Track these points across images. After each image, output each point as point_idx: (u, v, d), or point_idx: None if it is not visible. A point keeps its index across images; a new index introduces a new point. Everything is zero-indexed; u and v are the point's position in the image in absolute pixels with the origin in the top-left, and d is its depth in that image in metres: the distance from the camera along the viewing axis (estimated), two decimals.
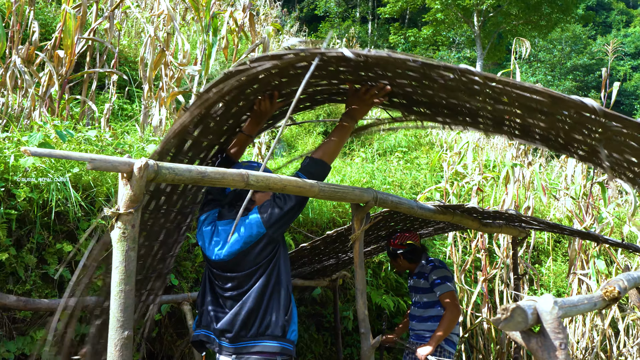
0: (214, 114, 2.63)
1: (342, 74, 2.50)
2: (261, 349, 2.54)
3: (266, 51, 5.60)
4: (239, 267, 2.60)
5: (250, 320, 2.56)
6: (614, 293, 1.62)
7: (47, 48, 4.91)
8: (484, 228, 3.95)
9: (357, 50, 2.01)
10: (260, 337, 2.56)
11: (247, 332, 2.56)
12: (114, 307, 1.76)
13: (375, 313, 5.37)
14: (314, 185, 2.42)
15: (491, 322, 1.23)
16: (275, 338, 2.56)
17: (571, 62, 34.43)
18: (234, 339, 2.57)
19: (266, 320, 2.56)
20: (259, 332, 2.55)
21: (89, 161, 1.66)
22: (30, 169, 3.32)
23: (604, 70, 6.47)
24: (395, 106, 2.81)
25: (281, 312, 2.59)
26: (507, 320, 1.17)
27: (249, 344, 2.55)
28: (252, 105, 2.81)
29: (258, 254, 2.59)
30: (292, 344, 2.63)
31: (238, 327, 2.56)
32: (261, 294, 2.57)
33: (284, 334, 2.58)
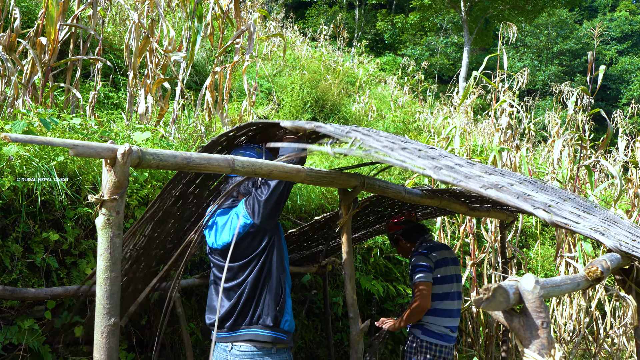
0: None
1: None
2: (253, 337, 2.62)
3: (251, 38, 5.56)
4: (233, 258, 2.66)
5: (245, 309, 2.65)
6: (597, 273, 1.63)
7: (30, 35, 4.84)
8: (472, 212, 3.97)
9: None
10: (253, 326, 2.64)
11: (242, 321, 2.65)
12: (100, 294, 1.75)
13: (364, 298, 5.39)
14: (301, 171, 2.42)
15: (473, 302, 1.24)
16: (267, 327, 2.63)
17: (558, 47, 34.53)
18: (232, 327, 2.67)
19: (258, 310, 2.64)
20: (252, 321, 2.64)
21: (71, 147, 1.64)
22: (15, 157, 3.28)
23: (590, 54, 6.49)
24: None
25: (272, 302, 2.65)
26: (489, 300, 1.18)
27: (242, 331, 2.64)
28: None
29: (249, 244, 2.66)
30: (286, 334, 2.69)
31: (236, 315, 2.65)
32: (255, 284, 2.65)
33: (276, 324, 2.64)
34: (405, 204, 4.08)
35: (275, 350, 2.63)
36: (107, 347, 1.74)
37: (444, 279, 3.91)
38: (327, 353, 4.95)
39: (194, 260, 4.20)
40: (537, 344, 1.20)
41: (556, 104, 12.03)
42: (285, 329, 2.68)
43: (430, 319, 3.87)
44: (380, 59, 24.67)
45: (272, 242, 2.70)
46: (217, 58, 5.64)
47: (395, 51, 31.03)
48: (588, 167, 6.26)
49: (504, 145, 6.80)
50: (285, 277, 2.75)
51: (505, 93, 7.74)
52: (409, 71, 18.37)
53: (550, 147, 9.61)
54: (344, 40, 20.81)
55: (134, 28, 5.29)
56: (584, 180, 7.17)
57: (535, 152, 12.35)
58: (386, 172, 7.70)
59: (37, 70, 4.66)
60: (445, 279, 3.91)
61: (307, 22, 28.83)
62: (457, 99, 14.01)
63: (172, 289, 3.16)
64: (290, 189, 2.71)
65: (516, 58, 33.23)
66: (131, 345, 3.71)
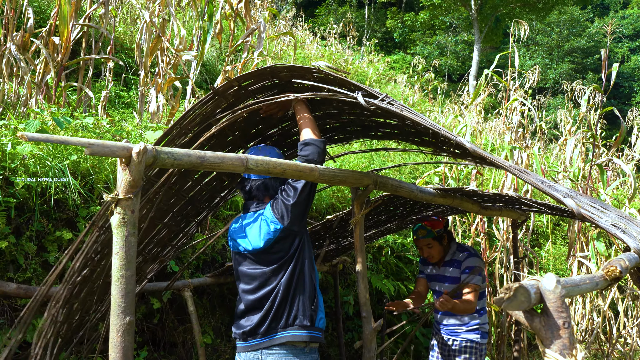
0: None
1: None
2: (291, 338, 2.59)
3: (261, 36, 5.56)
4: (266, 262, 2.65)
5: (280, 312, 2.61)
6: (616, 273, 1.61)
7: (43, 35, 4.86)
8: (484, 211, 3.94)
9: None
10: (290, 328, 2.60)
11: (277, 324, 2.61)
12: (115, 293, 1.76)
13: (375, 298, 5.38)
14: (314, 170, 2.41)
15: (493, 302, 1.22)
16: (304, 327, 2.61)
17: (569, 45, 34.27)
18: (266, 332, 2.61)
19: (294, 311, 2.61)
20: (288, 323, 2.60)
21: (87, 146, 1.64)
22: (28, 156, 3.30)
23: (603, 51, 6.43)
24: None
25: (307, 302, 2.63)
26: (510, 299, 1.16)
27: (279, 335, 2.60)
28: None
29: (281, 248, 2.63)
30: (320, 332, 2.68)
31: (270, 319, 2.61)
32: (288, 286, 2.61)
33: (312, 323, 2.63)
34: (417, 203, 4.07)
35: (308, 349, 2.61)
36: (122, 345, 1.75)
37: (484, 280, 4.07)
38: (338, 352, 4.94)
39: (205, 259, 4.21)
40: (558, 344, 1.18)
41: (568, 102, 11.94)
42: (320, 327, 2.67)
43: (484, 318, 3.99)
44: (390, 58, 24.59)
45: (302, 242, 2.67)
46: (228, 57, 5.64)
47: (405, 50, 30.95)
48: (600, 166, 6.21)
49: (515, 143, 6.76)
50: (315, 275, 2.73)
51: (516, 91, 7.70)
52: (419, 70, 18.32)
53: (561, 145, 9.54)
54: (353, 38, 20.78)
55: (145, 27, 5.31)
56: (597, 178, 7.12)
57: (547, 150, 12.28)
58: (396, 171, 7.68)
59: (50, 69, 4.69)
60: (484, 280, 4.08)
61: (316, 20, 28.81)
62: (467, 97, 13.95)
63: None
64: (315, 189, 2.67)
65: (527, 56, 33.02)
66: (144, 342, 3.72)
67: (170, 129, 2.68)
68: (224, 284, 4.25)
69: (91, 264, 2.75)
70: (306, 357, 2.60)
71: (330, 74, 2.42)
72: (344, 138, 3.45)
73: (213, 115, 2.79)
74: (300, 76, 2.62)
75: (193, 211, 3.29)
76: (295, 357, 2.58)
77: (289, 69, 2.56)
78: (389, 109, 2.15)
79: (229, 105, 2.80)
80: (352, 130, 3.33)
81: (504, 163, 1.80)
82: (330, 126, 3.26)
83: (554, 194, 1.62)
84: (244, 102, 2.85)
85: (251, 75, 2.64)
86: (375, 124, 3.10)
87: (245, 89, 2.74)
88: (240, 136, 3.01)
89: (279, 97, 2.70)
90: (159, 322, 3.89)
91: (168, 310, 3.96)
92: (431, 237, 3.95)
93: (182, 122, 2.69)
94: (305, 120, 2.70)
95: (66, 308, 2.87)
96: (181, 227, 3.32)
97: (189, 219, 3.32)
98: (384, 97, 2.23)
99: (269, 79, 2.72)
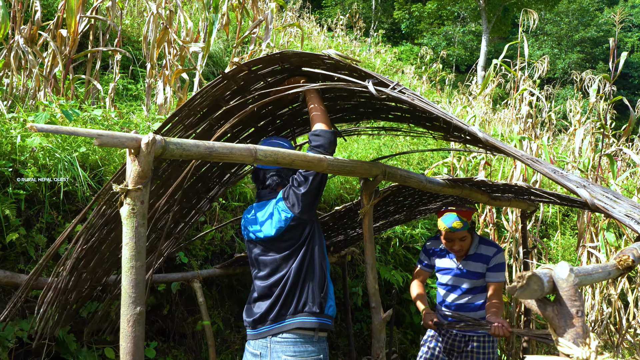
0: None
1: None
2: (299, 325, 2.61)
3: (268, 28, 5.54)
4: (277, 250, 2.69)
5: (289, 299, 2.64)
6: (628, 262, 1.60)
7: (50, 28, 4.87)
8: (493, 202, 3.92)
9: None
10: (299, 314, 2.63)
11: (287, 310, 2.64)
12: (126, 283, 1.76)
13: (384, 289, 5.38)
14: (323, 160, 2.41)
15: (507, 291, 1.21)
16: (312, 314, 2.63)
17: (578, 35, 33.97)
18: (275, 319, 2.65)
19: (303, 297, 2.63)
20: (297, 310, 2.63)
21: (96, 137, 1.64)
22: (38, 148, 3.31)
23: (612, 40, 6.37)
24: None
25: (317, 289, 2.65)
26: (522, 288, 1.16)
27: (288, 321, 2.63)
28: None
29: (292, 236, 2.67)
30: (330, 319, 2.71)
31: (279, 306, 2.64)
32: (297, 273, 2.64)
33: (321, 310, 2.65)
34: (425, 194, 4.05)
35: (316, 337, 2.62)
36: (133, 335, 1.75)
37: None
38: (346, 343, 4.95)
39: (214, 250, 4.22)
40: (571, 333, 1.18)
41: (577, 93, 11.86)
42: (329, 314, 2.70)
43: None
44: (397, 49, 24.47)
45: (312, 230, 2.70)
46: (235, 49, 5.63)
47: (412, 41, 30.79)
48: (610, 156, 6.16)
49: (524, 134, 6.71)
50: (326, 263, 2.76)
51: (525, 81, 7.64)
52: (426, 60, 18.24)
53: (571, 136, 9.48)
54: (360, 30, 20.70)
55: (152, 19, 5.30)
56: (606, 168, 7.06)
57: (556, 141, 12.20)
58: (405, 162, 7.66)
59: (57, 62, 4.70)
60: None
61: (323, 12, 28.69)
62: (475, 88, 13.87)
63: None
64: (326, 178, 2.70)
65: (535, 46, 32.76)
66: (154, 333, 3.74)
67: (179, 110, 2.69)
68: (232, 275, 4.26)
69: (99, 234, 2.75)
70: (314, 345, 2.62)
71: (340, 61, 2.41)
72: (354, 118, 3.42)
73: (222, 98, 2.79)
74: (310, 62, 2.61)
75: (204, 187, 3.31)
76: (303, 346, 2.60)
77: (299, 55, 2.56)
78: (400, 97, 2.14)
79: (239, 89, 2.80)
80: (362, 112, 3.32)
81: (516, 152, 1.78)
82: (341, 107, 3.24)
83: (566, 184, 1.60)
84: (254, 85, 2.85)
85: (261, 61, 2.64)
86: (387, 107, 3.09)
87: (255, 72, 2.73)
88: (250, 116, 3.00)
89: (289, 87, 2.71)
90: (168, 313, 3.90)
91: (178, 302, 3.98)
92: (466, 229, 3.64)
93: (190, 103, 2.69)
94: (316, 109, 2.71)
95: (74, 276, 2.88)
96: (193, 203, 3.34)
97: (201, 195, 3.34)
98: (394, 86, 2.22)
99: (278, 64, 2.71)
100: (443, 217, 3.71)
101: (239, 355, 4.20)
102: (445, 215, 3.70)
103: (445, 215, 3.70)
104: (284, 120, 3.29)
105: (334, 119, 3.40)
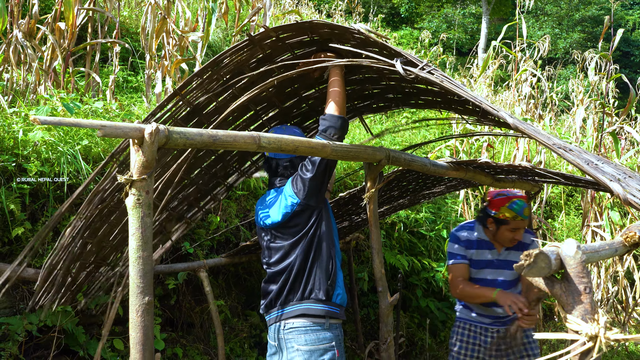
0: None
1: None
2: (305, 311, 2.62)
3: (267, 15, 5.51)
4: (284, 236, 2.70)
5: (296, 285, 2.66)
6: (635, 238, 1.60)
7: (48, 21, 4.86)
8: (497, 183, 3.92)
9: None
10: (305, 301, 2.64)
11: (294, 296, 2.65)
12: (133, 273, 1.77)
13: (390, 273, 5.39)
14: (327, 146, 2.40)
15: (514, 268, 1.20)
16: (319, 301, 2.63)
17: (579, 14, 33.71)
18: (283, 304, 2.67)
19: (309, 284, 2.65)
20: (304, 296, 2.64)
21: (99, 128, 1.64)
22: (40, 142, 3.32)
23: (607, 18, 6.34)
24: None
25: (323, 276, 2.66)
26: (530, 266, 1.16)
27: (294, 307, 2.64)
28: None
29: (298, 223, 2.68)
30: (339, 308, 2.70)
31: (287, 291, 2.66)
32: (304, 260, 2.65)
33: (328, 297, 2.65)
34: (429, 178, 4.05)
35: (328, 325, 2.61)
36: (142, 325, 1.76)
37: None
38: (354, 328, 4.98)
39: (219, 239, 4.23)
40: (580, 310, 1.18)
41: (579, 72, 11.79)
42: (337, 303, 2.69)
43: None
44: (397, 33, 24.34)
45: (320, 216, 2.70)
46: (234, 37, 5.61)
47: (412, 25, 30.59)
48: (613, 135, 6.14)
49: (526, 115, 6.70)
50: (335, 251, 2.75)
51: (526, 62, 7.61)
52: (426, 43, 18.13)
53: (573, 115, 9.44)
54: (359, 15, 20.56)
55: (150, 9, 5.27)
56: (610, 147, 7.05)
57: (559, 121, 12.16)
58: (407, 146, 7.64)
59: (57, 55, 4.69)
60: None
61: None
62: (476, 70, 13.80)
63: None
64: (333, 164, 2.69)
65: (536, 27, 32.51)
66: (162, 323, 3.77)
67: (202, 70, 2.61)
68: (238, 264, 4.28)
69: (110, 200, 2.69)
70: (326, 332, 2.61)
71: (369, 37, 2.32)
72: (383, 107, 3.34)
73: (247, 65, 2.71)
74: (339, 35, 2.52)
75: (222, 171, 3.27)
76: (314, 334, 2.59)
77: (330, 26, 2.48)
78: (429, 78, 2.07)
79: (265, 57, 2.72)
80: (391, 98, 3.22)
81: (547, 140, 1.71)
82: (369, 92, 3.17)
83: (599, 177, 1.52)
84: (281, 55, 2.77)
85: (290, 28, 2.54)
86: (417, 90, 2.99)
87: (283, 41, 2.64)
88: (274, 93, 2.95)
89: (314, 61, 2.64)
90: (175, 303, 3.93)
91: (185, 291, 4.00)
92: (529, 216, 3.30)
93: (213, 66, 2.61)
94: (334, 92, 2.66)
95: (79, 245, 2.81)
96: (209, 187, 3.31)
97: (218, 180, 3.31)
98: (424, 65, 2.14)
99: (307, 34, 2.62)
100: (511, 204, 3.33)
101: (247, 343, 4.23)
102: (513, 202, 3.33)
103: (513, 202, 3.34)
104: (310, 105, 3.22)
105: (362, 107, 3.34)
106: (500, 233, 3.43)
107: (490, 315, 3.57)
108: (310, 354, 2.56)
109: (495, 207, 3.39)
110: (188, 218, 3.37)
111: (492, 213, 3.41)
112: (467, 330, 3.64)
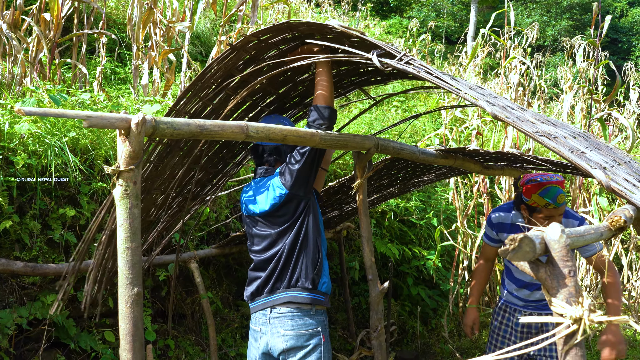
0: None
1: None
2: (292, 298, 2.66)
3: (255, 5, 5.47)
4: (272, 225, 2.74)
5: (283, 273, 2.70)
6: (620, 222, 1.61)
7: (33, 12, 4.80)
8: (486, 171, 3.93)
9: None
10: (292, 289, 2.69)
11: (281, 284, 2.70)
12: (122, 264, 1.77)
13: (380, 262, 5.41)
14: (315, 135, 2.40)
15: (499, 253, 1.21)
16: (305, 290, 2.68)
17: (567, 1, 33.75)
18: (270, 291, 2.72)
19: (296, 273, 2.69)
20: (290, 284, 2.69)
21: (85, 118, 1.63)
22: (27, 135, 3.29)
23: (595, 5, 6.35)
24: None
25: (310, 265, 2.70)
26: (515, 250, 1.17)
27: (281, 294, 2.69)
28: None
29: (286, 211, 2.71)
30: (324, 296, 2.75)
31: (274, 279, 2.71)
32: (291, 249, 2.69)
33: (314, 286, 2.69)
34: (418, 166, 4.06)
35: (314, 311, 2.68)
36: (132, 316, 1.76)
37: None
38: (345, 317, 5.00)
39: (210, 231, 4.23)
40: (564, 293, 1.19)
41: (568, 60, 11.82)
42: (323, 291, 2.74)
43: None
44: (386, 22, 24.26)
45: (307, 206, 2.73)
46: (222, 27, 5.57)
47: (401, 14, 30.51)
48: (601, 121, 6.17)
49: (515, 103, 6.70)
50: (322, 240, 2.80)
51: (514, 50, 7.61)
52: (414, 32, 18.09)
53: (562, 103, 9.48)
54: (348, 4, 20.47)
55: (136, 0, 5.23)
56: (598, 134, 7.09)
57: (548, 109, 12.19)
58: (397, 135, 7.65)
59: (42, 47, 4.64)
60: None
61: None
62: (465, 58, 13.79)
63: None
64: (321, 154, 2.71)
65: (525, 14, 32.53)
66: (153, 314, 3.76)
67: (193, 84, 2.68)
68: (229, 255, 4.28)
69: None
70: (312, 318, 2.68)
71: (345, 32, 2.34)
72: (381, 80, 3.33)
73: (236, 68, 2.77)
74: (317, 32, 2.58)
75: (229, 154, 3.33)
76: (301, 319, 2.65)
77: (306, 24, 2.53)
78: (406, 69, 2.05)
79: (252, 58, 2.78)
80: (373, 80, 3.31)
81: (528, 128, 1.72)
82: (365, 69, 3.18)
83: (581, 164, 1.52)
84: (267, 53, 2.83)
85: (268, 30, 2.60)
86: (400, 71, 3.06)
87: (266, 42, 2.70)
88: (268, 84, 2.98)
89: (294, 59, 2.66)
90: (166, 294, 3.92)
91: (175, 283, 3.99)
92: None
93: (203, 76, 2.68)
94: (321, 82, 2.69)
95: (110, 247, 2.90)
96: (219, 168, 3.36)
97: (227, 161, 3.37)
98: (402, 56, 2.13)
99: (288, 32, 2.67)
100: (542, 191, 3.04)
101: (238, 333, 4.24)
102: (545, 189, 3.04)
103: (546, 188, 3.04)
104: (306, 87, 3.25)
105: (360, 82, 3.35)
106: (534, 220, 3.18)
107: (521, 297, 3.43)
108: (297, 338, 2.63)
109: (527, 193, 3.12)
110: (203, 195, 3.48)
111: (525, 200, 3.15)
112: (502, 310, 3.55)
